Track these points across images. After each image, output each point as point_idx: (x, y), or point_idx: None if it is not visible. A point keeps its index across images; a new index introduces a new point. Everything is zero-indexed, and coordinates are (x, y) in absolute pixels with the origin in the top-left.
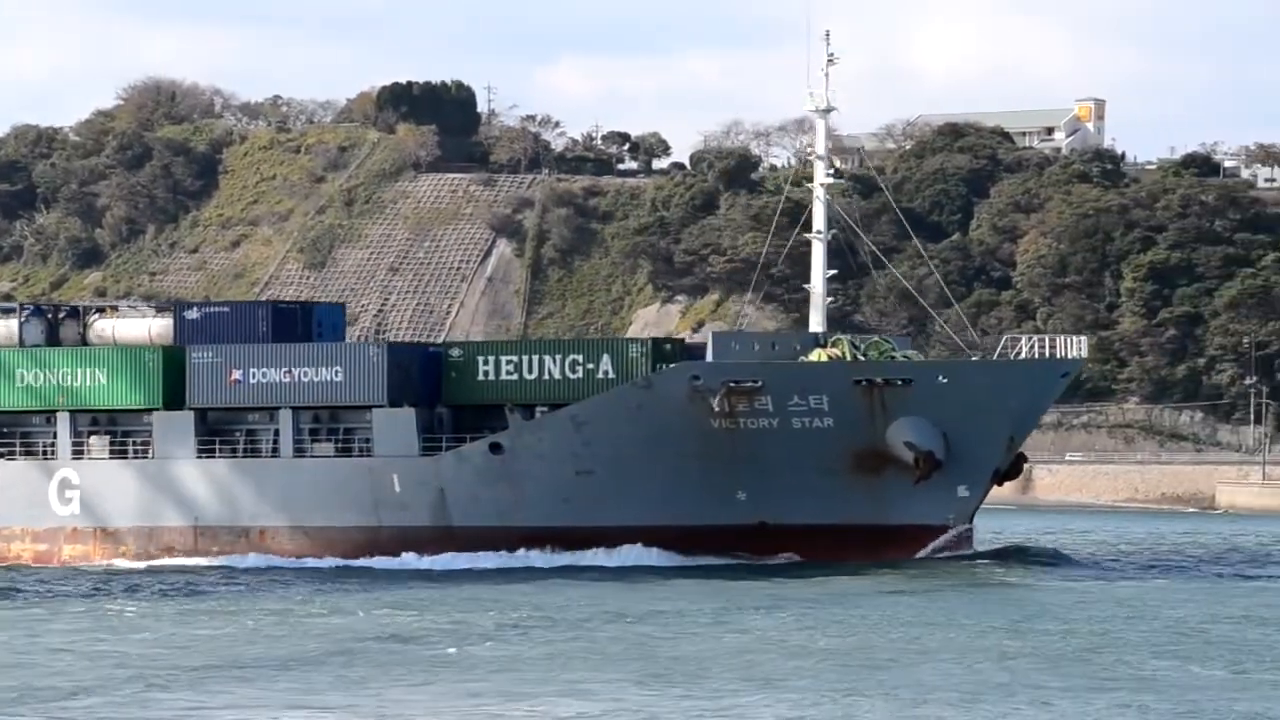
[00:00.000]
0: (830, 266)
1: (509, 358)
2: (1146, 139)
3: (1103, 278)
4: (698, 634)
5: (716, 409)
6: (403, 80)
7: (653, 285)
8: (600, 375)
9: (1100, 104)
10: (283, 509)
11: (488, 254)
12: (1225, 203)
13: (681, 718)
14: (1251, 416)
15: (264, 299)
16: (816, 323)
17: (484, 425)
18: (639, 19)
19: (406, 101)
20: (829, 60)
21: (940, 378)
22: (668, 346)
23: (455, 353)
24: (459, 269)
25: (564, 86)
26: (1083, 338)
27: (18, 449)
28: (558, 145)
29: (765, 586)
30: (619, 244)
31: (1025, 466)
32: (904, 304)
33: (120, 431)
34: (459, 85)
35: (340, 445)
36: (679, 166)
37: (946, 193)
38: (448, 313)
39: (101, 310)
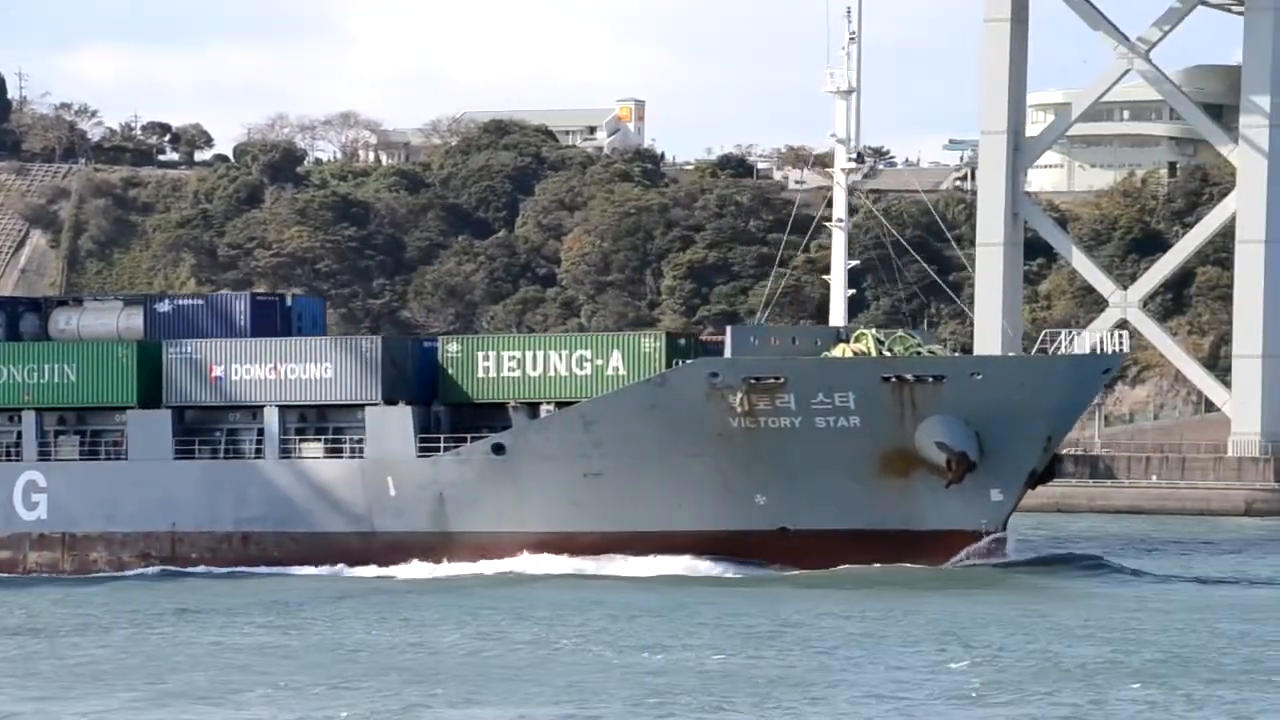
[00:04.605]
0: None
1: (511, 353)
2: (684, 140)
3: (644, 275)
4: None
5: (736, 407)
6: None
7: (195, 279)
8: (610, 372)
9: (640, 105)
10: (268, 514)
11: (21, 245)
12: (759, 203)
13: None
14: None
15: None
16: (837, 316)
17: (484, 424)
18: (168, 8)
19: None
20: (850, 38)
21: (974, 374)
22: (682, 341)
23: (453, 347)
24: None
25: (92, 75)
26: (1124, 332)
27: None
28: (95, 135)
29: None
30: (160, 236)
31: None
32: (450, 300)
33: (91, 431)
34: None
35: (330, 446)
36: (222, 159)
37: (492, 189)
38: None
39: (64, 303)
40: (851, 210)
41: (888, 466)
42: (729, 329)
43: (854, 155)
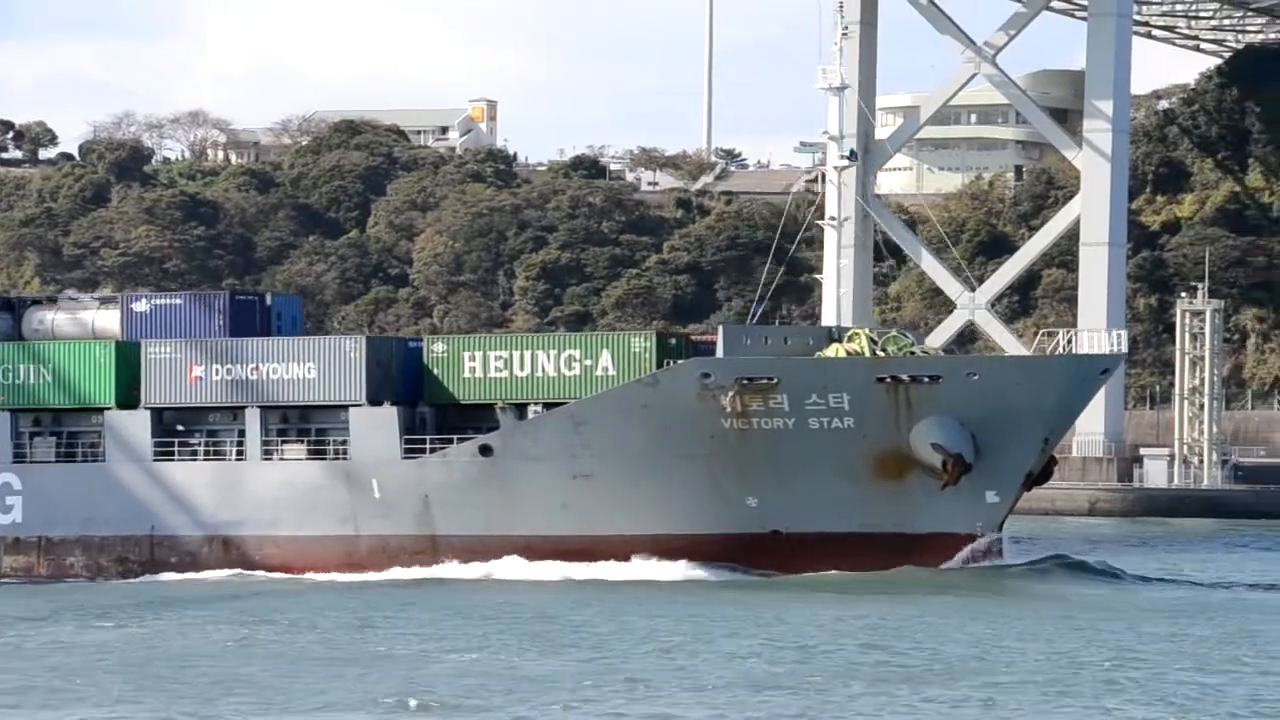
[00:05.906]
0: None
1: (498, 353)
2: (537, 141)
3: (496, 276)
4: None
5: (728, 408)
6: None
7: (40, 278)
8: (600, 372)
9: (492, 105)
10: (249, 517)
11: None
12: (612, 205)
13: None
14: None
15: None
16: (830, 316)
17: (471, 426)
18: (8, 1)
19: None
20: (843, 34)
21: (971, 374)
22: (672, 341)
23: (439, 347)
24: None
25: None
26: (1122, 332)
27: None
28: None
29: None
30: (3, 235)
31: None
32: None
33: (67, 433)
34: None
35: (313, 447)
36: (67, 157)
37: (344, 189)
38: None
39: (38, 302)
40: (704, 211)
41: (882, 468)
42: (721, 328)
43: (846, 153)
